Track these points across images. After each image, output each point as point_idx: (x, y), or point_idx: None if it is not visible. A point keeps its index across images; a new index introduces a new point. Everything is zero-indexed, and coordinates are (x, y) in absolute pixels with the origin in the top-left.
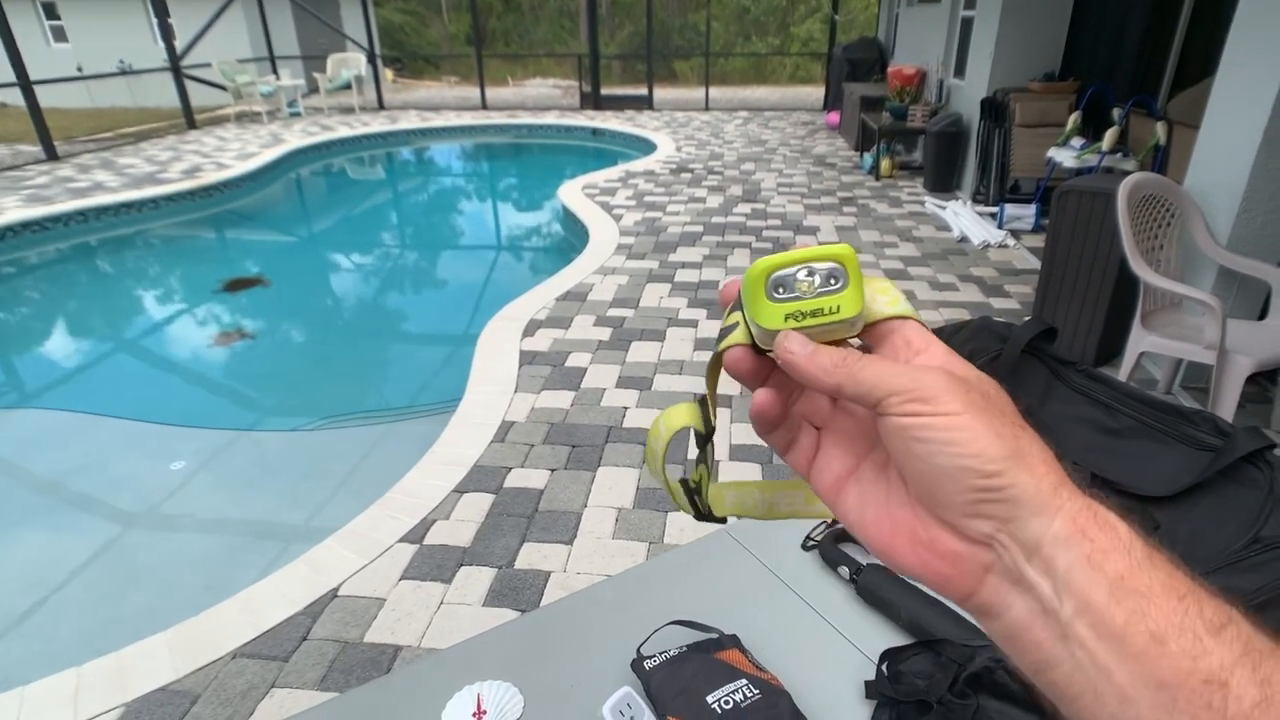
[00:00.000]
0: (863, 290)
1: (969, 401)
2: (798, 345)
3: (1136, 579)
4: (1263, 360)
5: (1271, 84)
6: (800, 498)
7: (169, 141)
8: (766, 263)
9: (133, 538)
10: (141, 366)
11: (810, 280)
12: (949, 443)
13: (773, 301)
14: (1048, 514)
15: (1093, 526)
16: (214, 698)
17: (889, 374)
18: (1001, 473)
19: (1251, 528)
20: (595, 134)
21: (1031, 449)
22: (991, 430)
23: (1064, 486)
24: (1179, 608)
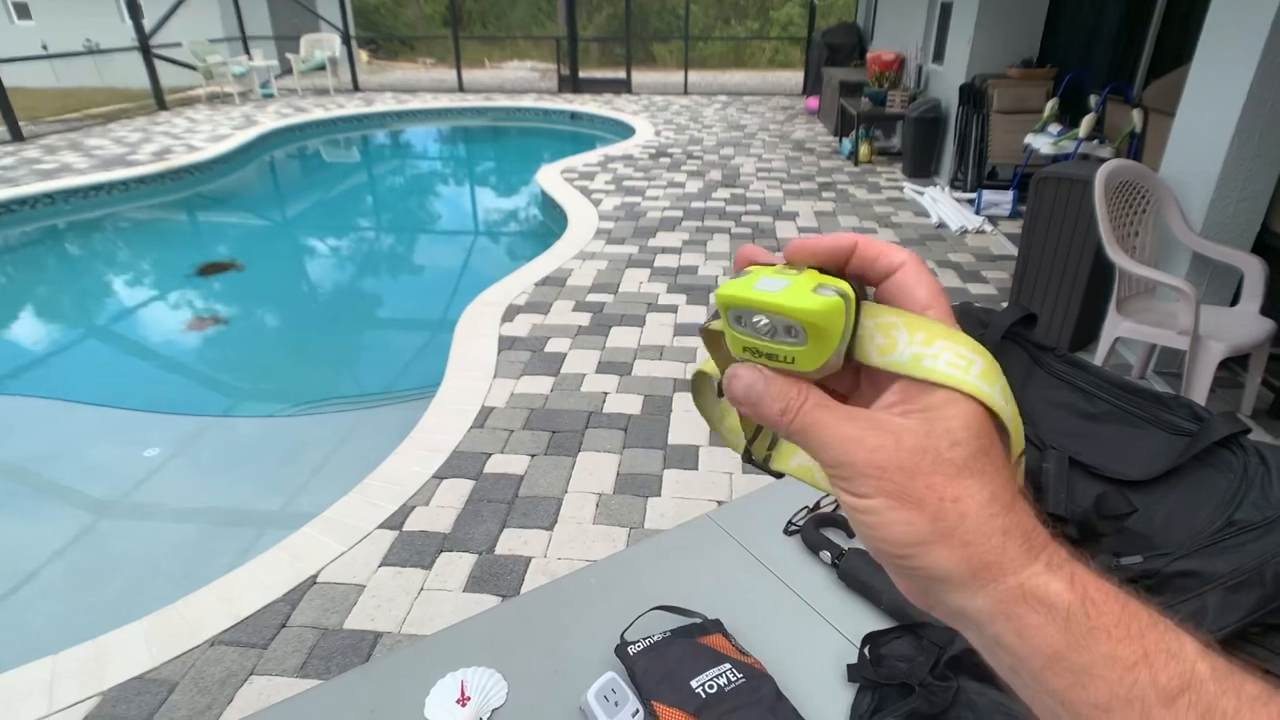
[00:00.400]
0: (831, 349)
1: (881, 485)
2: (742, 388)
3: (1073, 656)
4: (1234, 346)
5: (1245, 74)
6: None
7: (138, 123)
8: (727, 293)
9: (107, 526)
10: (113, 352)
11: (770, 325)
12: (862, 524)
13: (734, 330)
14: (968, 592)
15: (1018, 606)
16: (192, 685)
17: (818, 442)
18: (910, 556)
19: (1225, 511)
20: (573, 118)
21: (958, 527)
22: (902, 515)
23: (991, 567)
24: (1125, 679)
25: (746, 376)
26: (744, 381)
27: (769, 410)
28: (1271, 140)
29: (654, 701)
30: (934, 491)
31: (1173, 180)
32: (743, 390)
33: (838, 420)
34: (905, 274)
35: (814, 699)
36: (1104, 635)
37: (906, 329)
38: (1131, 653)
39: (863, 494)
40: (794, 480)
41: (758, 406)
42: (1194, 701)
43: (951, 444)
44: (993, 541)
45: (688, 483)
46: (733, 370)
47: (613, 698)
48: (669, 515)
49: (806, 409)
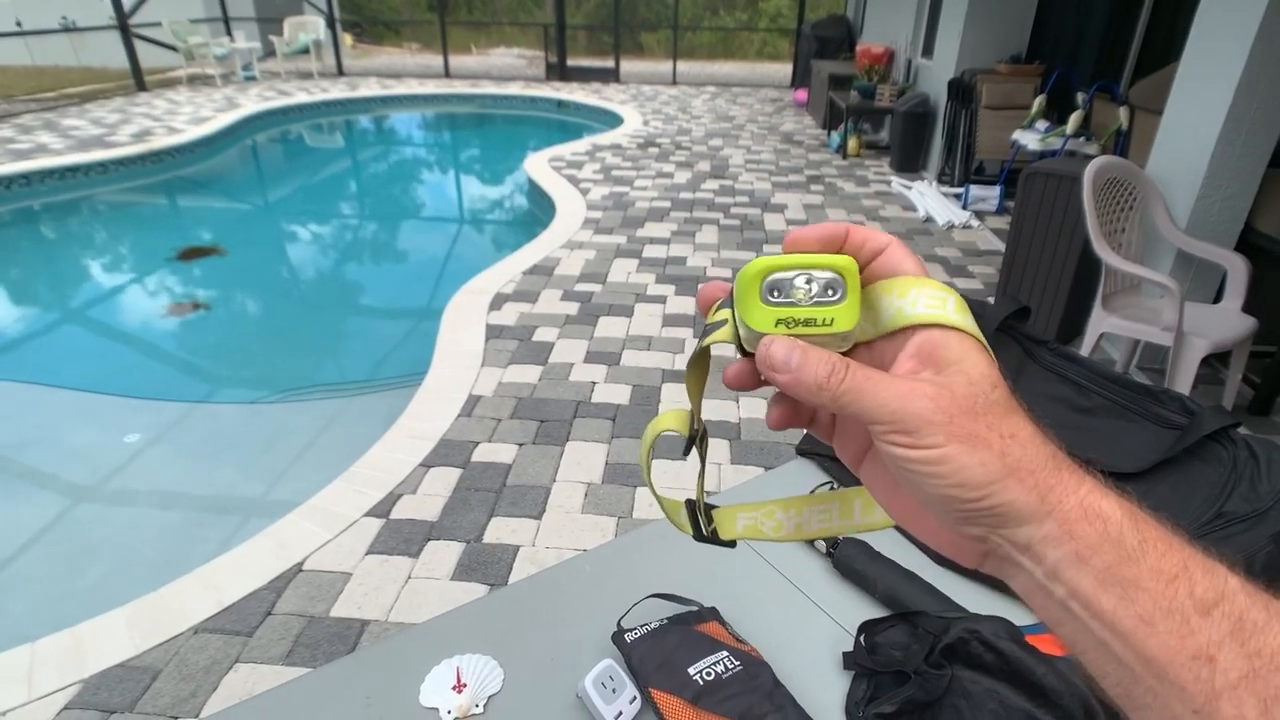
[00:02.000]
0: (859, 304)
1: (951, 431)
2: (782, 354)
3: (1124, 569)
4: (1217, 342)
5: (1232, 76)
6: (836, 509)
7: (117, 103)
8: (764, 263)
9: (87, 512)
10: (92, 337)
11: (807, 288)
12: (932, 475)
13: (765, 304)
14: (1036, 521)
15: (1080, 525)
16: (175, 673)
17: (872, 402)
18: (987, 496)
19: (1215, 503)
20: (561, 106)
21: (1022, 459)
22: (976, 458)
23: (1054, 490)
24: (1167, 591)
25: (784, 344)
26: (782, 348)
27: (812, 375)
28: (1256, 140)
29: (651, 689)
30: (995, 430)
31: (1159, 178)
32: (782, 355)
33: (887, 378)
34: (892, 251)
35: (810, 686)
36: (1151, 548)
37: (885, 292)
38: (1173, 565)
39: (934, 444)
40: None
41: (799, 372)
42: (1228, 611)
43: (992, 386)
44: (1049, 467)
45: (676, 473)
46: (769, 339)
47: (610, 685)
48: (657, 505)
49: (854, 370)
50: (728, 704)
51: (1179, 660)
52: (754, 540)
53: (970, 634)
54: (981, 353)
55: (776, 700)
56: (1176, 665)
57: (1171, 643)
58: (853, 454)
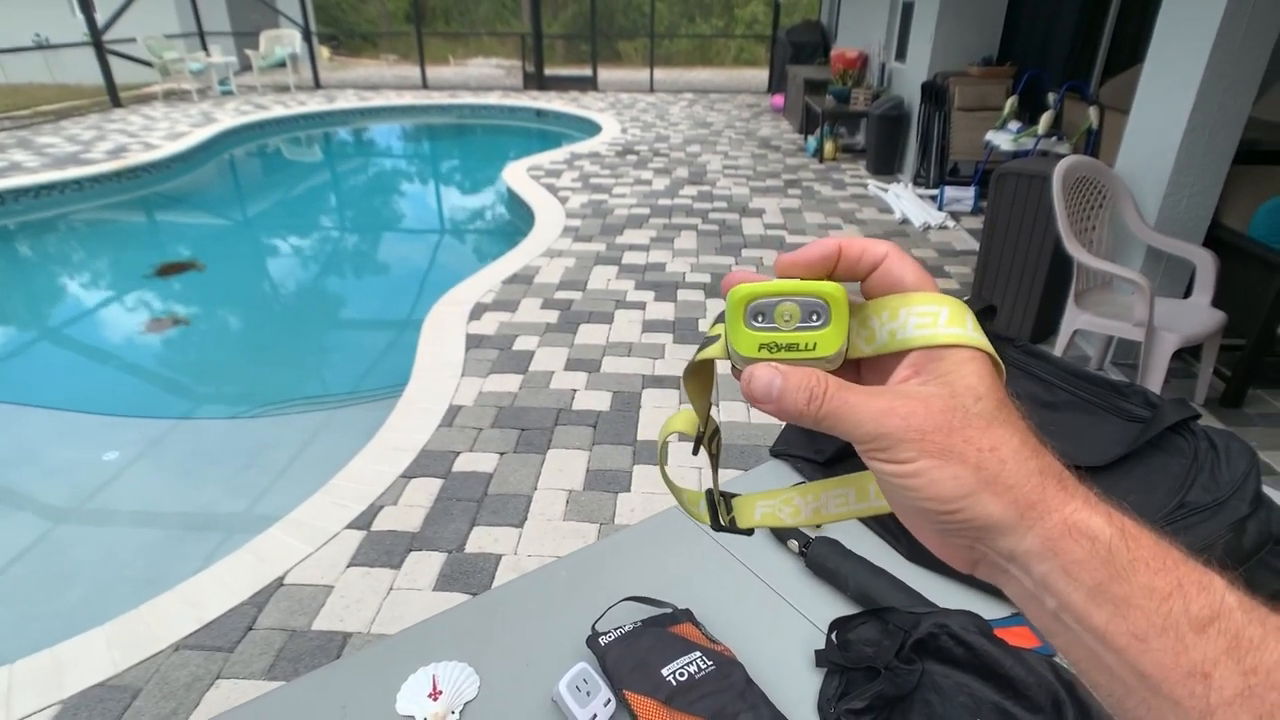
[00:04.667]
0: (846, 326)
1: (924, 447)
2: (762, 385)
3: (1114, 587)
4: (1187, 336)
5: (1194, 75)
6: (852, 494)
7: (92, 120)
8: (747, 289)
9: (65, 532)
10: (69, 355)
11: (788, 313)
12: (907, 488)
13: (749, 329)
14: (1017, 534)
15: (1065, 541)
16: (156, 691)
17: (850, 423)
18: (960, 510)
19: (1178, 494)
20: (539, 115)
21: (1000, 473)
22: (949, 472)
23: (1036, 506)
24: (1161, 609)
25: (764, 374)
26: (763, 378)
27: (793, 401)
28: (1220, 137)
29: (625, 691)
30: (971, 444)
31: (1127, 176)
32: (763, 386)
33: (865, 398)
34: (890, 263)
35: (783, 684)
36: (1143, 566)
37: (875, 314)
38: (1167, 583)
39: (906, 459)
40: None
41: (780, 400)
42: (1223, 628)
43: (975, 399)
44: (1032, 482)
45: (657, 478)
46: (749, 370)
47: (584, 688)
48: (639, 510)
49: (832, 393)
50: (701, 704)
51: (1174, 677)
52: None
53: (940, 628)
54: (974, 362)
55: (749, 699)
56: (1171, 682)
57: (1166, 660)
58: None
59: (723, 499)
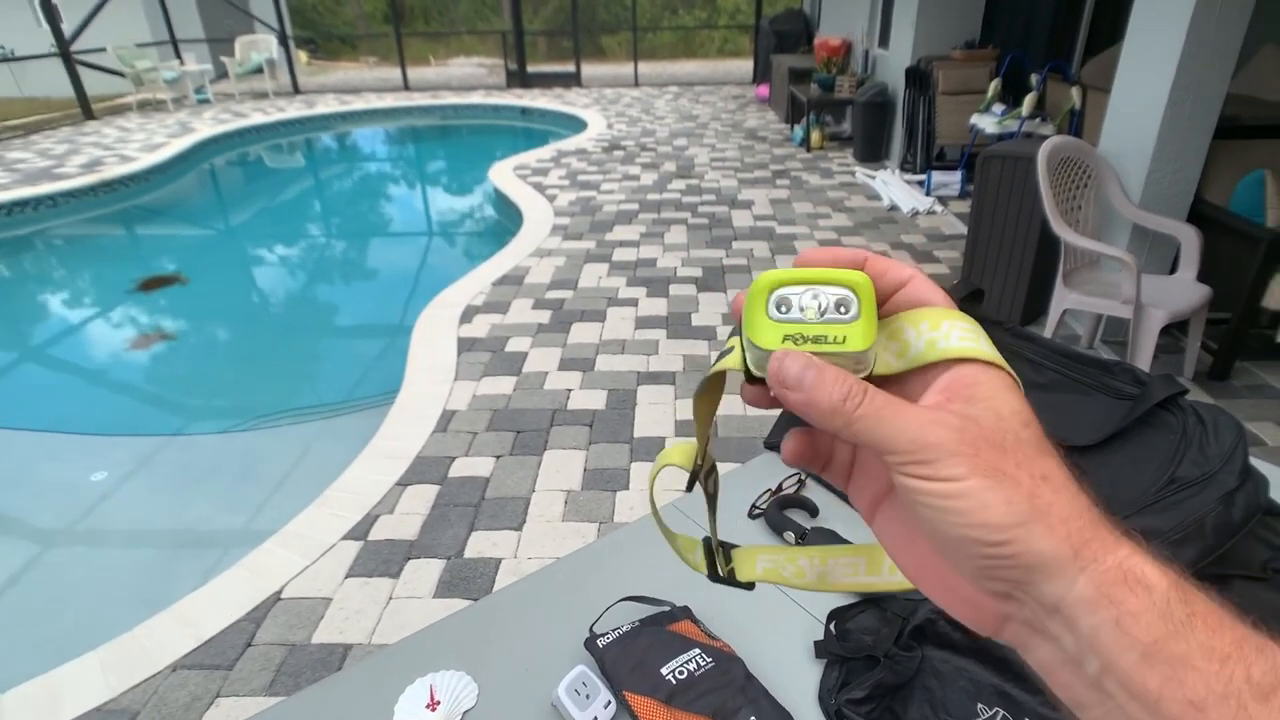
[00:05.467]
0: (875, 326)
1: (976, 464)
2: (796, 369)
3: (1172, 645)
4: (1174, 312)
5: (1173, 51)
6: (863, 564)
7: (64, 133)
8: (771, 276)
9: (55, 555)
10: (53, 375)
11: (816, 303)
12: (951, 511)
13: (773, 320)
14: (1067, 577)
15: (1120, 589)
16: (155, 713)
17: (890, 429)
18: (1010, 541)
19: (1167, 470)
20: (524, 113)
21: (1054, 504)
22: (1001, 495)
23: (1090, 545)
24: (1221, 673)
25: (799, 359)
26: (796, 365)
27: (826, 395)
28: (1201, 113)
29: (625, 691)
30: (1024, 469)
31: (1111, 154)
32: (796, 372)
33: (907, 406)
34: (916, 286)
35: (783, 677)
36: (1200, 622)
37: (912, 325)
38: (1226, 644)
39: (954, 476)
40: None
41: (814, 392)
42: None
43: (1024, 424)
44: (1085, 519)
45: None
46: (780, 355)
47: (584, 691)
48: (638, 508)
49: (872, 394)
50: (701, 701)
51: None
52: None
53: (937, 614)
54: (1014, 390)
55: (749, 694)
56: None
57: None
58: (869, 499)
59: (721, 549)
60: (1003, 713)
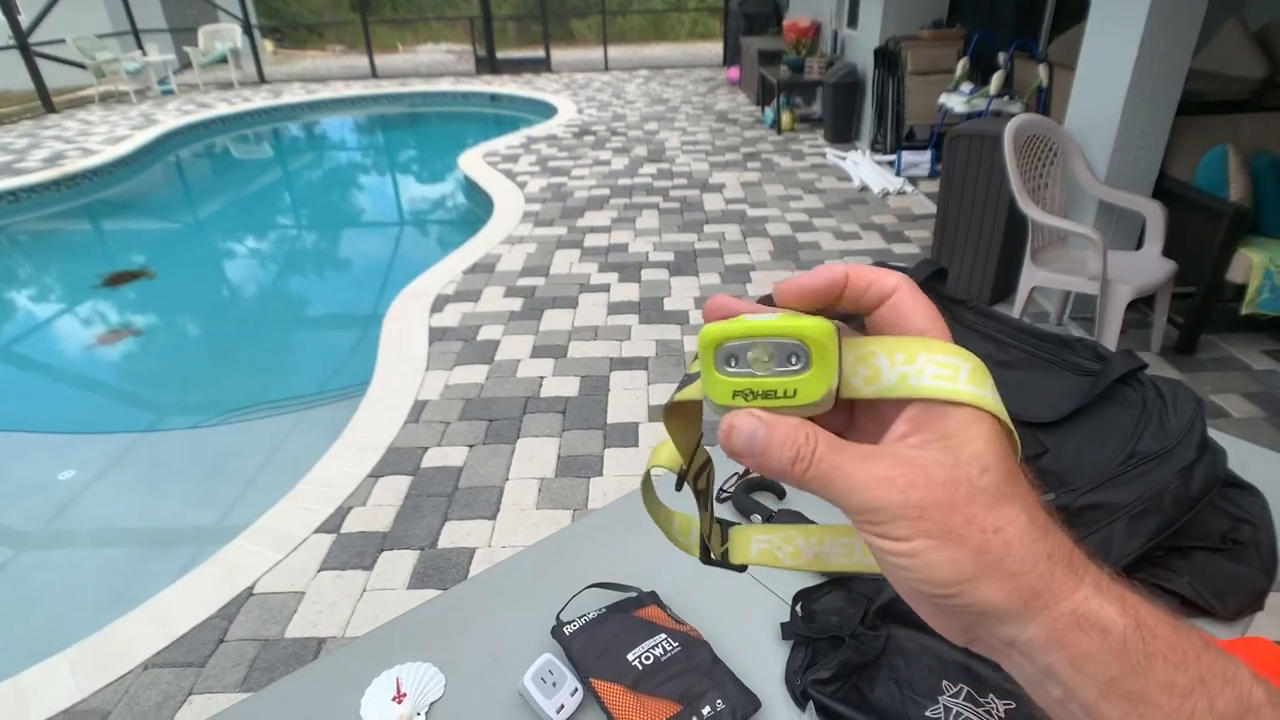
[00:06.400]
0: (834, 368)
1: (920, 526)
2: (743, 438)
3: (1129, 683)
4: (1140, 287)
5: (1136, 28)
6: (857, 546)
7: (24, 127)
8: (716, 330)
9: (22, 557)
10: (18, 373)
11: (763, 356)
12: (899, 567)
13: (722, 375)
14: (1019, 623)
15: (1073, 634)
16: (126, 713)
17: (839, 490)
18: (957, 595)
19: (1128, 444)
20: (493, 100)
21: (1004, 558)
22: (946, 555)
23: (1041, 595)
24: (1182, 707)
25: (746, 425)
26: (744, 431)
27: (777, 460)
28: (1164, 90)
29: (592, 678)
30: (974, 524)
31: (1077, 132)
32: (744, 441)
33: (857, 462)
34: (900, 297)
35: (750, 659)
36: (1160, 660)
37: (886, 353)
38: (1188, 679)
39: (901, 537)
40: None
41: (764, 458)
42: None
43: (981, 470)
44: (1039, 568)
45: (629, 460)
46: (728, 421)
47: (550, 679)
48: (612, 494)
49: (821, 454)
50: (667, 686)
51: None
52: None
53: None
54: (982, 425)
55: (715, 677)
56: None
57: None
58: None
59: (718, 526)
60: (967, 689)
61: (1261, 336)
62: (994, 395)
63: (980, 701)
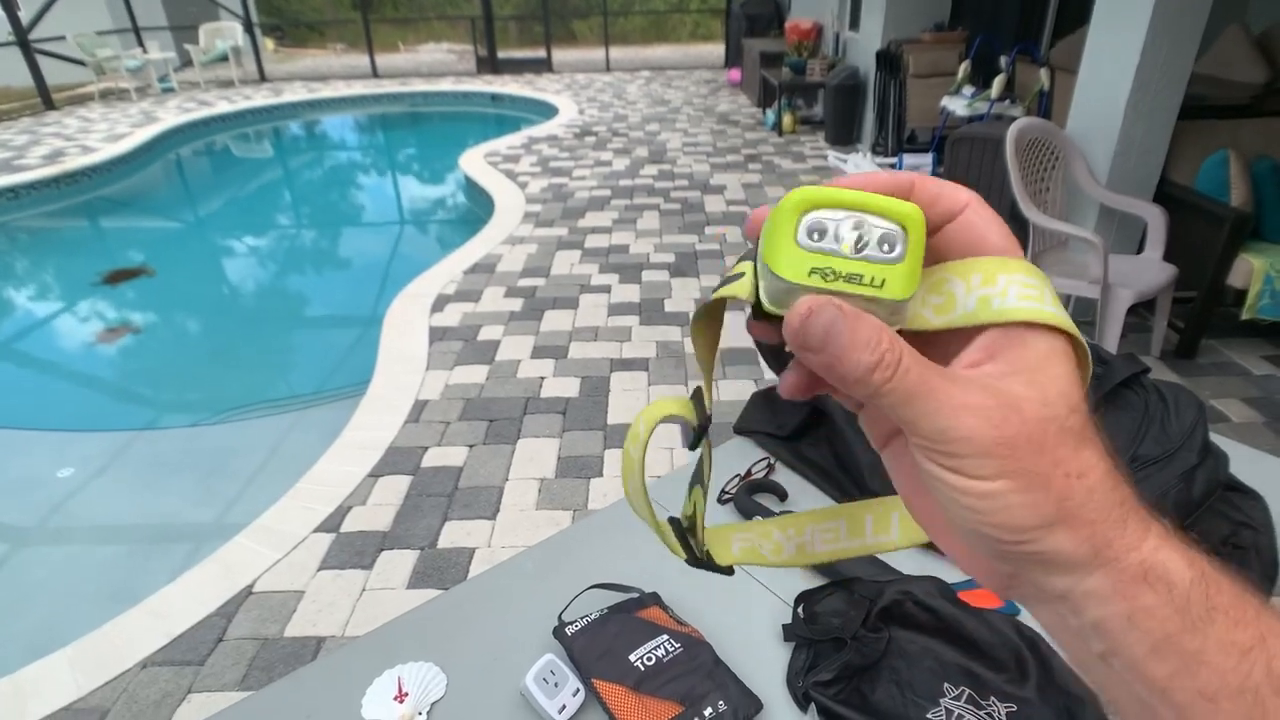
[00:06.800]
0: (920, 270)
1: (1008, 464)
2: (821, 326)
3: (1186, 641)
4: (1141, 291)
5: (1138, 34)
6: (843, 527)
7: (24, 124)
8: (807, 194)
9: (21, 553)
10: (17, 370)
11: (856, 235)
12: (970, 509)
13: (801, 247)
14: (1080, 572)
15: (1137, 585)
16: (125, 710)
17: (918, 411)
18: (1030, 541)
19: (1130, 448)
20: (494, 100)
21: (1085, 505)
22: (1029, 498)
23: (1113, 544)
24: (1239, 666)
25: (827, 312)
26: (825, 317)
27: (855, 362)
28: (1166, 95)
29: (594, 679)
30: (1061, 467)
31: (1078, 136)
32: (821, 331)
33: (947, 382)
34: (972, 214)
35: (751, 661)
36: (1222, 616)
37: (961, 277)
38: (1248, 637)
39: (982, 475)
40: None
41: (841, 356)
42: None
43: (1069, 410)
44: (1114, 515)
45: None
46: (805, 303)
47: (552, 679)
48: (612, 495)
49: (907, 364)
50: (669, 687)
51: None
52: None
53: (904, 595)
54: (1066, 359)
55: (717, 679)
56: None
57: None
58: (882, 431)
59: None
60: (969, 691)
61: (1261, 342)
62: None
63: (981, 704)
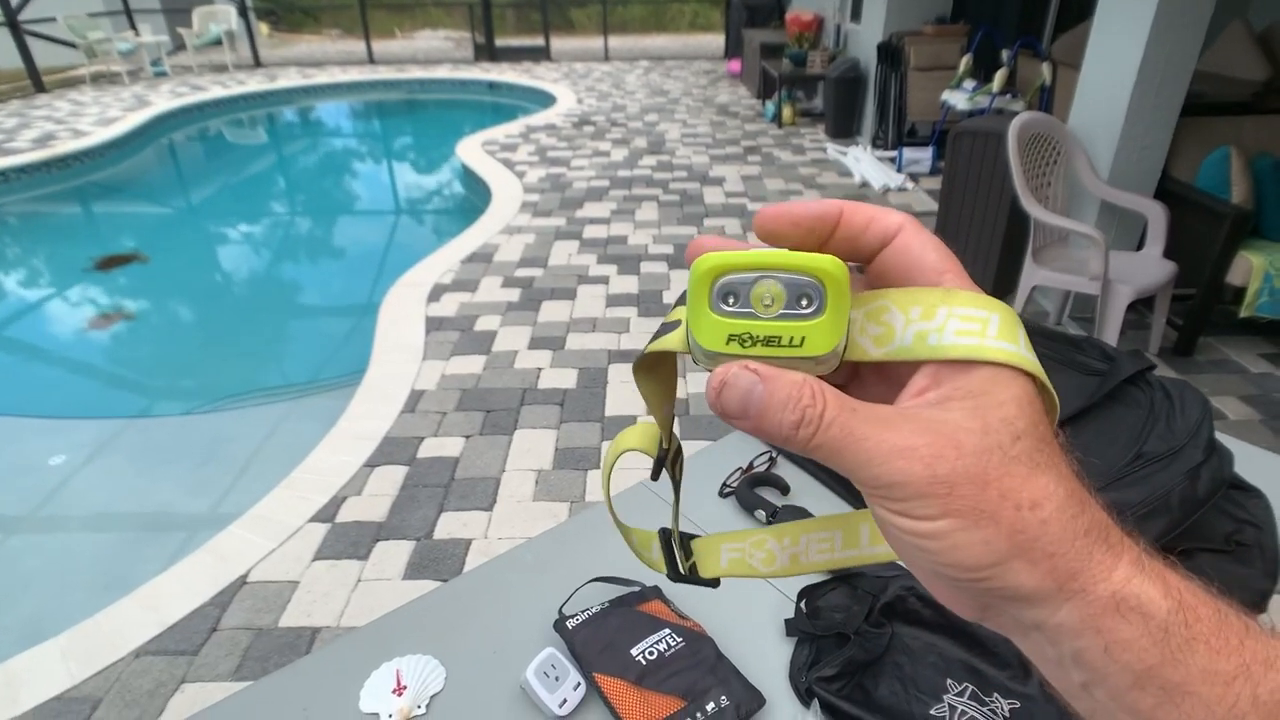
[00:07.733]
0: (845, 315)
1: (950, 503)
2: (739, 390)
3: (1167, 673)
4: (1141, 288)
5: (1142, 29)
6: (839, 537)
7: (13, 107)
8: (717, 260)
9: (12, 542)
10: (8, 357)
11: (770, 295)
12: (921, 549)
13: (717, 313)
14: (1049, 606)
15: (1110, 618)
16: (118, 700)
17: (852, 460)
18: (987, 578)
19: (1135, 445)
20: (492, 88)
21: (1040, 537)
22: (978, 536)
23: (1079, 576)
24: (1226, 696)
25: (741, 380)
26: (739, 387)
27: (777, 423)
28: (1169, 91)
29: (595, 673)
30: (1009, 499)
31: (1080, 131)
32: (738, 400)
33: (874, 427)
34: (906, 237)
35: (754, 656)
36: (1202, 646)
37: (899, 308)
38: (1231, 666)
39: (925, 516)
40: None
41: (761, 420)
42: None
43: (1014, 437)
44: (1077, 546)
45: (627, 454)
46: (720, 374)
47: (553, 673)
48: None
49: (830, 417)
50: (671, 681)
51: None
52: (742, 577)
53: (907, 590)
54: (1014, 383)
55: (719, 674)
56: None
57: None
58: None
59: (680, 542)
60: (972, 688)
61: (1258, 340)
62: (1028, 349)
63: (985, 700)
